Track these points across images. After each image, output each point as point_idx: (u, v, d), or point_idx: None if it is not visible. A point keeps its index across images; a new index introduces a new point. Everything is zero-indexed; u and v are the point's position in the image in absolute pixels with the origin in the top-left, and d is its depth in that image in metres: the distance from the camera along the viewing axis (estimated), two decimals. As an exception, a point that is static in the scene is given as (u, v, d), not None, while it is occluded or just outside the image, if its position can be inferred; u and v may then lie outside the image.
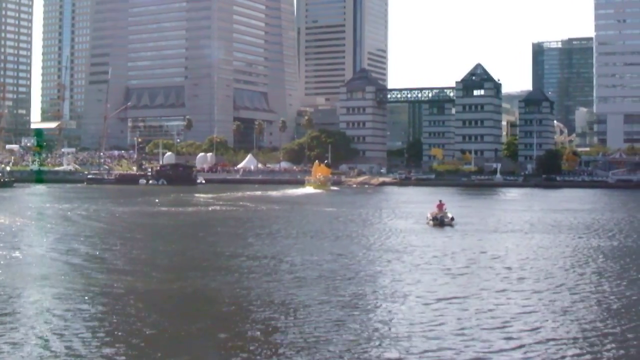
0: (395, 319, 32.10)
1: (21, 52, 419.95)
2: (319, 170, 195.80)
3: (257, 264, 48.31)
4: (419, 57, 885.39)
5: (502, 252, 56.42)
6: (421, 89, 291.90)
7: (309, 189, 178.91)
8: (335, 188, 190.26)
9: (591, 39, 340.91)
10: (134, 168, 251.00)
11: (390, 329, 30.28)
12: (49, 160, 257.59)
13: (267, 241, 62.69)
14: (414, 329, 30.09)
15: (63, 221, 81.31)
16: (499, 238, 67.21)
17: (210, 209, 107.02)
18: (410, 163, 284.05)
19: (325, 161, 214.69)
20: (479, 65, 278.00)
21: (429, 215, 78.60)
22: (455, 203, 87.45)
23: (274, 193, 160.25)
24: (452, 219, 77.48)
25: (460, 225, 76.70)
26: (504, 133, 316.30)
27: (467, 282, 41.67)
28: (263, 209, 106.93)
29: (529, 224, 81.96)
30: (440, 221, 75.85)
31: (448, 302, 35.36)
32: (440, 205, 78.78)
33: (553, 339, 28.77)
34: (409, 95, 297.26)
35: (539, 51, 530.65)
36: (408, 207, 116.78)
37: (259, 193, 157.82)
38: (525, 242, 63.81)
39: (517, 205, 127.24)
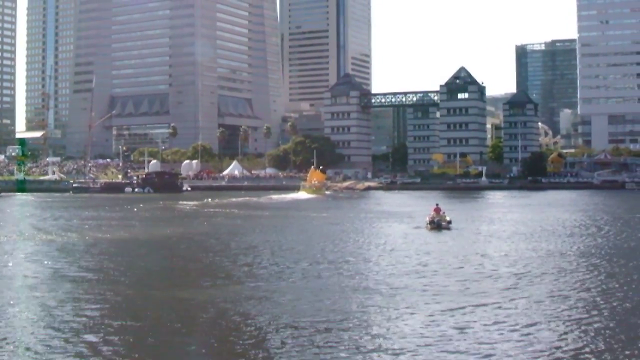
0: (399, 330, 31.44)
1: (5, 62, 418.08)
2: (315, 176, 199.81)
3: (258, 270, 48.50)
4: (403, 61, 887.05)
5: (501, 256, 55.86)
6: (405, 93, 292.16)
7: (304, 194, 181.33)
8: (329, 193, 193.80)
9: (574, 40, 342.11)
10: (120, 176, 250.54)
11: (394, 340, 29.71)
12: (34, 169, 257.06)
13: (269, 244, 62.96)
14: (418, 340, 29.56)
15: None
16: (497, 242, 66.90)
17: (221, 219, 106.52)
18: (396, 167, 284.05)
19: (320, 167, 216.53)
20: (462, 69, 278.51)
21: (427, 219, 79.40)
22: (444, 207, 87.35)
23: (273, 197, 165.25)
24: (450, 222, 78.35)
25: (456, 230, 76.75)
26: (489, 136, 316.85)
27: (470, 289, 40.94)
28: (269, 216, 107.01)
29: (523, 227, 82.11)
30: (437, 224, 76.81)
31: (450, 313, 34.38)
32: (438, 209, 79.63)
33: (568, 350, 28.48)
34: (393, 100, 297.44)
35: (522, 53, 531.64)
36: (403, 209, 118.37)
37: (254, 199, 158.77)
38: (524, 245, 63.39)
39: (506, 208, 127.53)
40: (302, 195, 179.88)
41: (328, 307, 35.35)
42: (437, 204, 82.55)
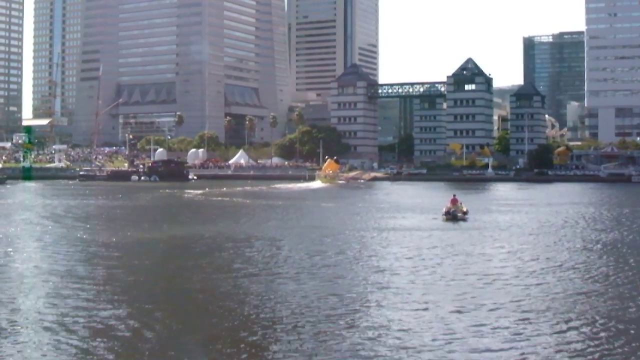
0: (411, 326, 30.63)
1: (12, 49, 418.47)
2: (329, 166, 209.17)
3: (280, 262, 48.35)
4: (410, 51, 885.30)
5: (523, 249, 54.84)
6: (412, 84, 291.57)
7: (318, 183, 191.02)
8: (341, 182, 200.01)
9: (582, 32, 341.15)
10: (126, 164, 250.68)
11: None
12: (40, 157, 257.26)
13: (287, 235, 63.10)
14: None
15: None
16: (516, 234, 66.09)
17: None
18: (402, 158, 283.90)
19: (334, 158, 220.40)
20: (470, 60, 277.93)
21: (444, 210, 79.76)
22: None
23: (288, 186, 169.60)
24: (466, 213, 78.90)
25: (473, 222, 76.50)
26: (496, 127, 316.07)
27: (493, 285, 39.66)
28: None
29: (537, 220, 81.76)
30: (452, 215, 77.13)
31: (474, 310, 33.09)
32: (455, 200, 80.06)
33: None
34: (400, 90, 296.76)
35: (530, 45, 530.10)
36: (414, 200, 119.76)
37: (265, 188, 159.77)
38: (545, 238, 62.87)
39: (516, 199, 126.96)
40: (316, 184, 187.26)
41: (349, 302, 34.85)
42: (454, 195, 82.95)
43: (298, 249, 54.09)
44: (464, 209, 79.35)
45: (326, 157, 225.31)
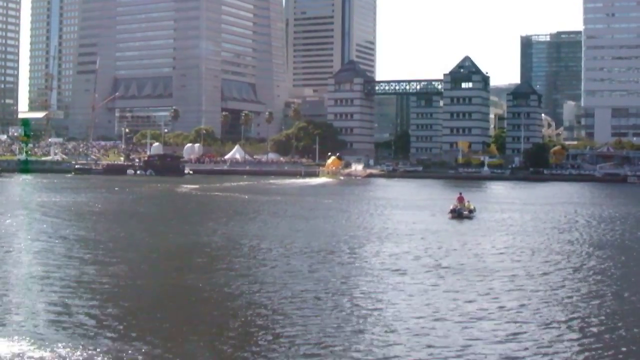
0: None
1: (9, 42, 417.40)
2: (333, 163, 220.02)
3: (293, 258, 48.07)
4: (408, 49, 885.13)
5: (537, 249, 53.80)
6: (409, 81, 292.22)
7: (322, 179, 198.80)
8: (342, 178, 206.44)
9: (580, 32, 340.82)
10: (122, 158, 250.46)
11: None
12: (36, 150, 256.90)
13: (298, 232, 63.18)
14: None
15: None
16: (524, 234, 65.24)
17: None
18: (398, 155, 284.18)
19: (337, 154, 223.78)
20: (467, 58, 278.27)
21: (450, 207, 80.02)
22: (449, 196, 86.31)
23: (295, 180, 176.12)
24: (471, 211, 79.18)
25: (477, 219, 76.57)
26: (492, 126, 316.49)
27: (506, 286, 38.63)
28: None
29: (539, 219, 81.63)
30: (458, 213, 77.55)
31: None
32: (461, 198, 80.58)
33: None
34: (397, 87, 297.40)
35: (527, 44, 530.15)
36: (415, 197, 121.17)
37: (275, 181, 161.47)
38: (556, 236, 62.69)
39: (514, 198, 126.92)
40: (319, 180, 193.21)
41: (360, 303, 34.28)
42: (460, 193, 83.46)
43: (306, 247, 53.46)
44: (471, 207, 79.88)
45: (329, 153, 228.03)
